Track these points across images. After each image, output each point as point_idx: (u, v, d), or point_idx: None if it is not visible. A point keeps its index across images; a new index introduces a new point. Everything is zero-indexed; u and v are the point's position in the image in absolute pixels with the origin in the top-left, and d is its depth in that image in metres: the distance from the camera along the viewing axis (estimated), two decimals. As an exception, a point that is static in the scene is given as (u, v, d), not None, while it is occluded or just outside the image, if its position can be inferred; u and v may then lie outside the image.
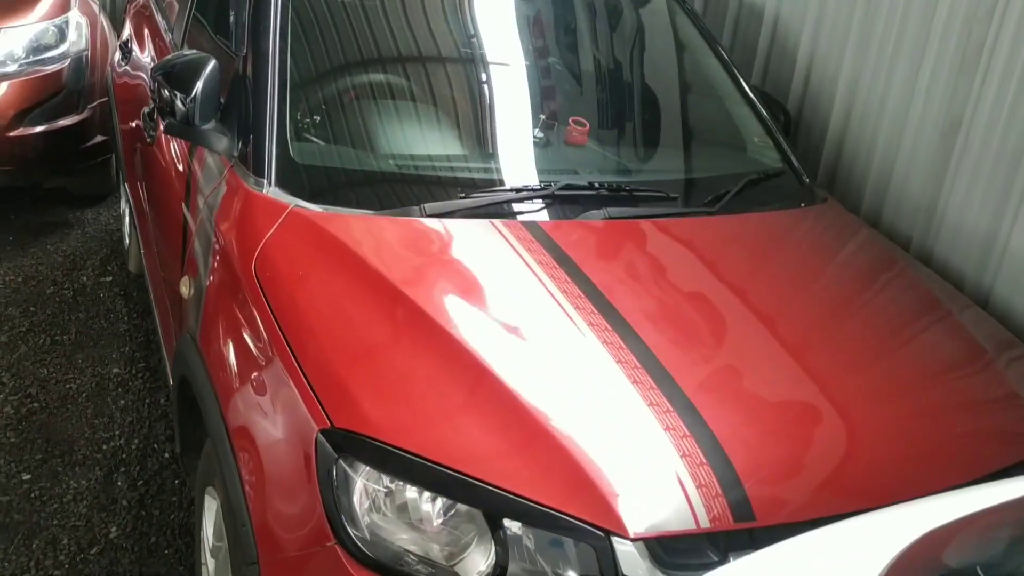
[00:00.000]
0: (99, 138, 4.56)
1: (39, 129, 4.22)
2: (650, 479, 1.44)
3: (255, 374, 1.67)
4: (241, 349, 1.74)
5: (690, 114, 2.72)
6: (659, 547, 1.40)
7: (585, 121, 2.43)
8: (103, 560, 2.51)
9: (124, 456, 2.94)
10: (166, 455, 2.96)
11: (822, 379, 1.78)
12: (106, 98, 4.61)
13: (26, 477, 2.81)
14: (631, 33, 2.82)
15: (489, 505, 1.39)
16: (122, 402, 3.22)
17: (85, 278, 4.09)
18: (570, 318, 1.74)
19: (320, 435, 1.47)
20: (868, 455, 1.63)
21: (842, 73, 2.94)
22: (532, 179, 2.22)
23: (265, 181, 2.01)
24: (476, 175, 2.19)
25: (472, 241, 1.93)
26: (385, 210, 1.99)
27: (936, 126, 2.61)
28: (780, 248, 2.29)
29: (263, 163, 2.03)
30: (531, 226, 2.00)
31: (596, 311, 1.76)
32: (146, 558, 2.53)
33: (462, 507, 1.40)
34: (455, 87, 2.40)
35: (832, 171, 3.00)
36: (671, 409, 1.55)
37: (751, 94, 2.75)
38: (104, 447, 2.98)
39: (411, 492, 1.41)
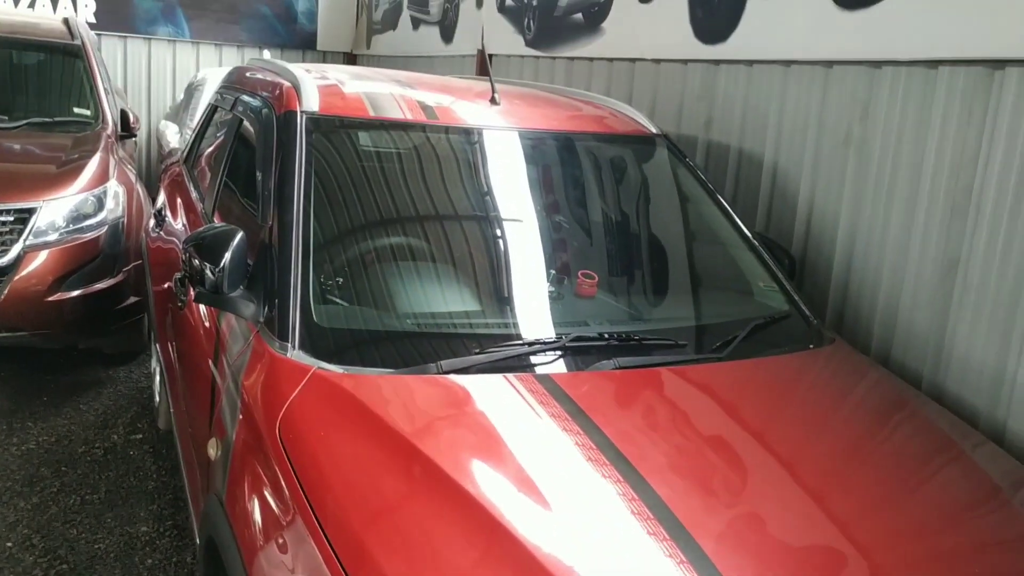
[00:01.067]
0: (132, 299, 4.76)
1: (76, 293, 4.42)
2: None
3: (278, 534, 1.72)
4: (265, 509, 1.80)
5: (695, 262, 2.83)
6: None
7: (594, 273, 2.55)
8: None
9: (150, 618, 2.95)
10: (191, 615, 2.96)
11: (838, 524, 1.80)
12: (140, 261, 4.82)
13: (52, 642, 2.81)
14: (635, 187, 2.97)
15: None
16: (149, 561, 3.24)
17: (116, 436, 4.19)
18: (585, 471, 1.79)
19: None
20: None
21: (841, 217, 3.06)
22: (545, 332, 2.31)
23: (289, 345, 2.11)
24: (491, 330, 2.29)
25: (487, 397, 2.00)
26: (404, 368, 2.08)
27: (936, 264, 2.70)
28: (791, 392, 2.34)
29: (287, 328, 2.14)
30: (543, 379, 2.08)
31: (608, 463, 1.81)
32: None
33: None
34: (470, 246, 2.53)
35: (840, 311, 3.08)
36: (685, 560, 1.57)
37: (753, 240, 2.87)
38: (130, 609, 2.99)
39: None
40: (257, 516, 1.83)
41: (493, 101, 2.93)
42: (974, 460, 2.18)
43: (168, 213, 3.83)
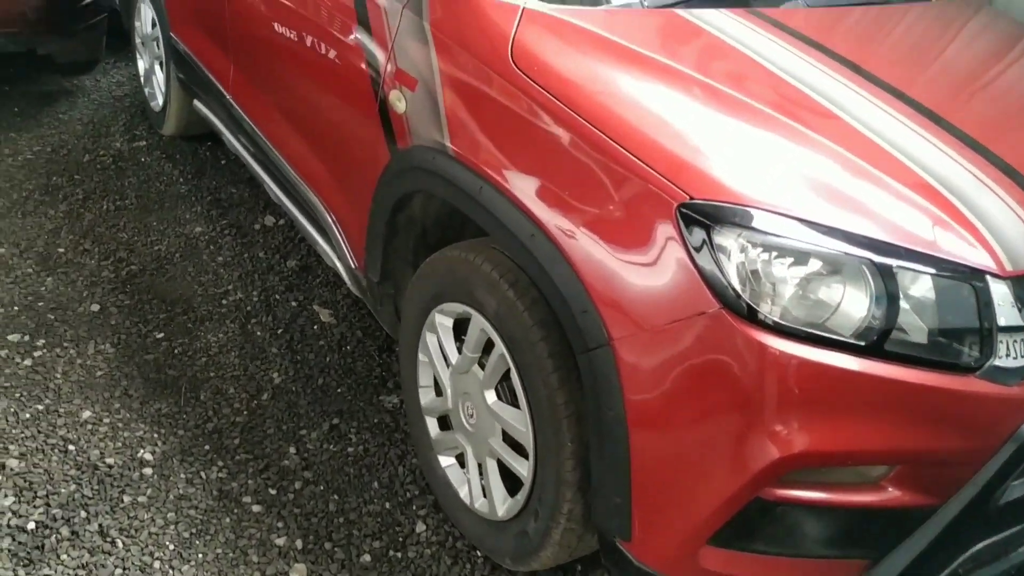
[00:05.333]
0: (93, -4, 4.22)
1: (39, -15, 3.87)
2: (1006, 224, 1.50)
3: (563, 166, 1.63)
4: (532, 146, 1.68)
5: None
6: (1019, 285, 1.47)
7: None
8: (279, 404, 2.47)
9: (249, 308, 2.86)
10: (293, 304, 2.89)
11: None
12: (96, -48, 4.24)
13: (159, 335, 2.71)
14: None
15: (874, 255, 1.42)
16: (220, 258, 3.11)
17: (118, 144, 3.86)
18: (826, 78, 1.78)
19: (680, 209, 1.46)
20: None
21: None
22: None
23: (480, -17, 1.91)
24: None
25: (709, 23, 1.90)
26: (609, 4, 1.94)
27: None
28: (954, 26, 2.34)
29: (470, -35, 1.93)
30: (755, 12, 1.98)
31: (841, 67, 1.81)
32: (321, 398, 2.50)
33: (837, 262, 1.43)
34: None
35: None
36: (990, 165, 1.60)
37: None
38: (224, 301, 2.89)
39: (786, 253, 1.43)
40: (520, 156, 1.72)
41: None
42: None
43: None
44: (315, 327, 2.79)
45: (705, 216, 1.45)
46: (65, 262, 3.01)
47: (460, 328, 1.99)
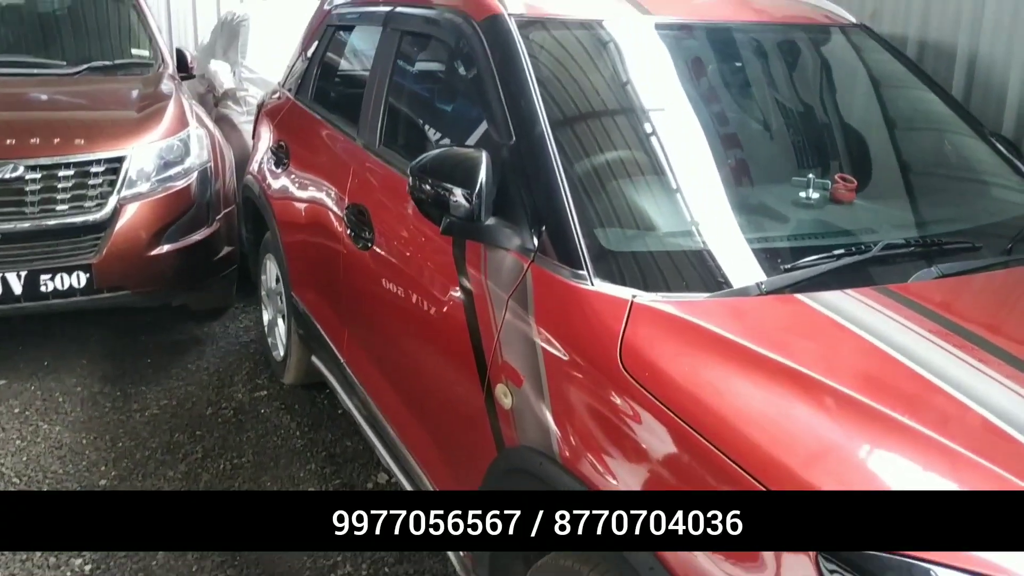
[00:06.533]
0: (226, 250, 4.46)
1: (175, 246, 4.11)
2: None
3: (683, 488, 1.48)
4: (646, 461, 1.55)
5: (939, 160, 2.59)
6: None
7: (852, 177, 2.30)
8: None
9: (357, 584, 2.73)
10: (403, 579, 2.74)
11: None
12: (230, 208, 4.52)
13: (265, 619, 2.59)
14: (863, 84, 2.70)
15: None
16: (331, 524, 3.01)
17: (240, 395, 3.93)
18: (990, 382, 1.58)
19: (821, 557, 1.27)
20: None
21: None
22: (837, 241, 2.07)
23: (585, 275, 1.84)
24: (785, 243, 2.04)
25: (837, 312, 1.75)
26: (724, 290, 1.83)
27: None
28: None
29: (576, 256, 1.87)
30: (883, 291, 1.84)
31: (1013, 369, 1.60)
32: None
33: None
34: (737, 155, 2.26)
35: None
36: None
37: (988, 134, 2.62)
38: (332, 576, 2.77)
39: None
40: (620, 461, 1.59)
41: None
42: None
43: (295, 150, 3.50)
44: (425, 607, 2.63)
45: (852, 567, 1.25)
46: (178, 531, 2.97)
47: (576, 644, 1.79)
